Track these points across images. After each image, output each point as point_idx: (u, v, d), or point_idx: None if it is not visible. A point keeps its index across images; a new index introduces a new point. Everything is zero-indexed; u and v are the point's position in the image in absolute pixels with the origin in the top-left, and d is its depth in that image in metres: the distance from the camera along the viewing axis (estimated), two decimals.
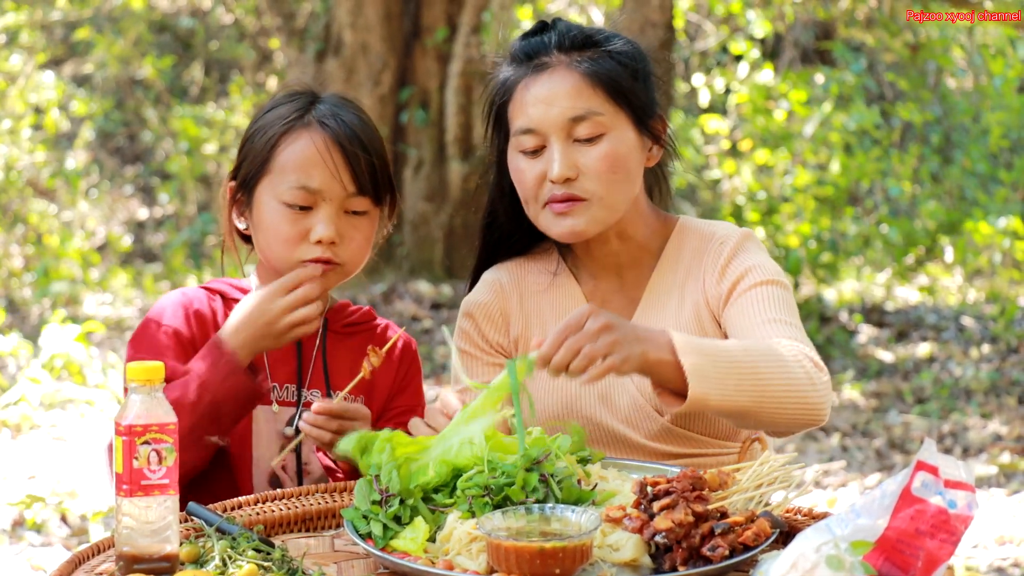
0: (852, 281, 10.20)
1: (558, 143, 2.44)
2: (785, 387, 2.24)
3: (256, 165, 2.52)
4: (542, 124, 2.45)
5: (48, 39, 11.61)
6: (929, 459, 1.80)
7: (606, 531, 1.96)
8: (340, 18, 9.29)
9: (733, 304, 2.47)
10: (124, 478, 1.88)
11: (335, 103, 2.55)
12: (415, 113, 9.36)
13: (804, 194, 9.96)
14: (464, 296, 2.71)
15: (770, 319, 2.41)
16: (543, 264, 2.65)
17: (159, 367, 1.92)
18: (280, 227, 2.48)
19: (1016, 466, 6.01)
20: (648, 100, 2.51)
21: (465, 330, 2.64)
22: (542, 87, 2.46)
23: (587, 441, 2.53)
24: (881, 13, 10.32)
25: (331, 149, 2.47)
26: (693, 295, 2.54)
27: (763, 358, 2.24)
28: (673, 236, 2.59)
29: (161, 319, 2.50)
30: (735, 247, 2.53)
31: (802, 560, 1.72)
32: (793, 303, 2.47)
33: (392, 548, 2.00)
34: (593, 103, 2.45)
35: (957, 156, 10.95)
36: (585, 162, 2.44)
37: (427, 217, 9.40)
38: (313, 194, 2.47)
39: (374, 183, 2.51)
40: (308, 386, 2.57)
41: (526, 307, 2.62)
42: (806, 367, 2.27)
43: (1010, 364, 7.94)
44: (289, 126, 2.50)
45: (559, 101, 2.44)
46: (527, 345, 2.58)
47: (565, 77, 2.46)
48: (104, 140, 12.06)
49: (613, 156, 2.45)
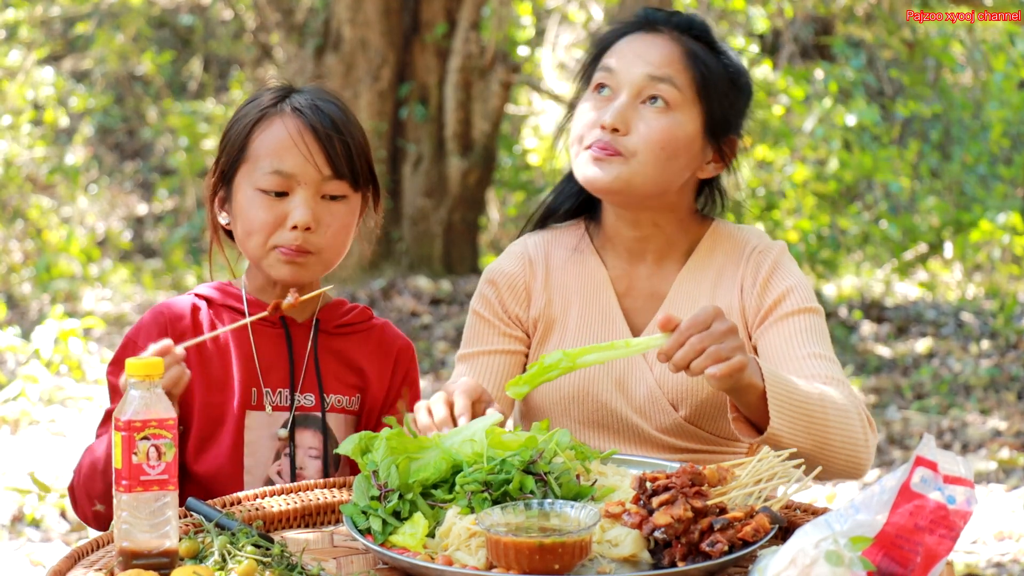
0: (851, 277, 10.21)
1: (627, 97, 2.47)
2: (843, 441, 2.32)
3: (232, 155, 2.51)
4: (621, 71, 2.48)
5: (47, 35, 11.60)
6: (928, 455, 1.80)
7: (605, 526, 1.96)
8: (339, 14, 9.29)
9: (772, 327, 2.51)
10: (123, 473, 1.88)
11: (312, 92, 2.53)
12: (414, 109, 9.36)
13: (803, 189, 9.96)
14: (464, 290, 2.72)
15: (811, 353, 2.46)
16: (570, 239, 2.65)
17: (158, 363, 1.92)
18: (256, 214, 2.46)
19: (1015, 462, 6.01)
20: (731, 117, 2.53)
21: (486, 296, 2.63)
22: (640, 42, 2.50)
23: (598, 427, 2.54)
24: (880, 10, 10.31)
25: (303, 132, 2.45)
26: (726, 298, 2.55)
27: (833, 409, 2.31)
28: (706, 237, 2.61)
29: (137, 339, 2.49)
30: (775, 262, 2.55)
31: (801, 556, 1.72)
32: (827, 331, 2.54)
33: (391, 543, 2.00)
34: (677, 76, 2.47)
35: (956, 152, 10.95)
36: (640, 124, 2.46)
37: (426, 213, 9.39)
38: (287, 178, 2.45)
39: (351, 167, 2.48)
40: (301, 390, 2.54)
41: (551, 281, 2.62)
42: (864, 427, 2.36)
43: (1009, 360, 7.94)
44: (263, 114, 2.50)
45: (648, 57, 2.48)
46: (548, 325, 2.60)
47: (666, 43, 2.50)
48: (103, 136, 12.06)
49: (669, 132, 2.46)
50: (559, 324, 2.59)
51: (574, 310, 2.59)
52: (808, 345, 2.47)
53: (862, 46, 11.22)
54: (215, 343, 2.52)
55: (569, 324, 2.58)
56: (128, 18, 11.13)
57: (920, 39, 10.60)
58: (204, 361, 2.51)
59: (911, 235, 10.39)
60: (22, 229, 10.29)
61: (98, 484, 2.38)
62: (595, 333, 2.57)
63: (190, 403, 2.49)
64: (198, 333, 2.51)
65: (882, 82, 11.40)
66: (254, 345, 2.53)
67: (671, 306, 2.56)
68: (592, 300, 2.59)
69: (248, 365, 2.51)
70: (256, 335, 2.54)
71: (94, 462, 2.39)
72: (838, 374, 2.44)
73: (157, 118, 11.42)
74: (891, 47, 10.86)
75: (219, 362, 2.51)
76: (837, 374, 2.44)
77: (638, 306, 2.59)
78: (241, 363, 2.51)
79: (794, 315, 2.50)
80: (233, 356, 2.52)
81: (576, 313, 2.59)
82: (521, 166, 11.16)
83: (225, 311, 2.55)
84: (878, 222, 10.53)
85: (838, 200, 10.42)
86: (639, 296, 2.59)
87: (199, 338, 2.38)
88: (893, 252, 10.39)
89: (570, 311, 2.59)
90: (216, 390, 2.50)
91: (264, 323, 2.54)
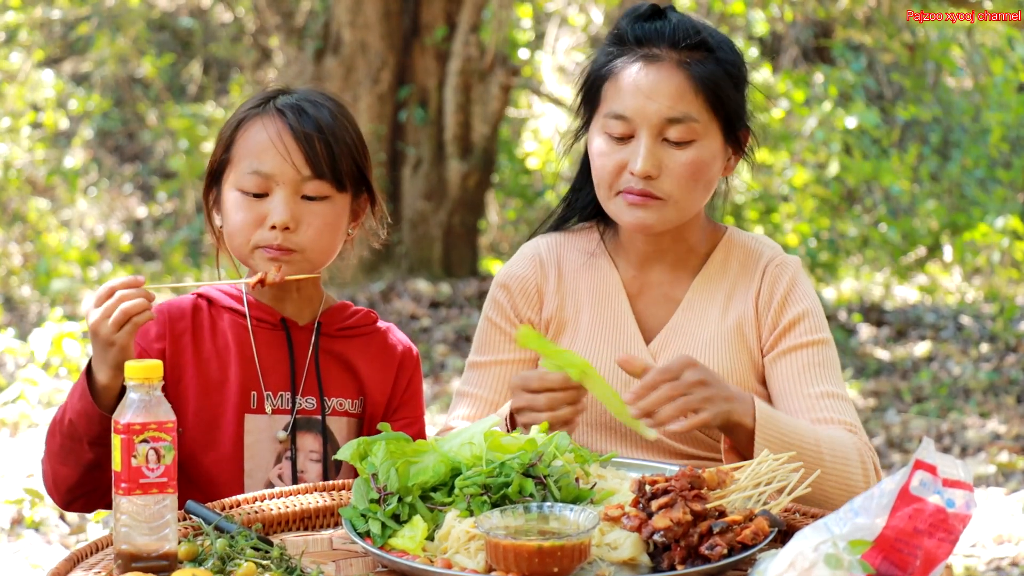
0: (851, 280, 10.21)
1: (648, 138, 2.44)
2: (838, 487, 2.34)
3: (219, 156, 2.52)
4: (637, 115, 2.45)
5: (47, 37, 11.60)
6: (927, 458, 1.80)
7: (604, 530, 1.96)
8: (339, 16, 9.29)
9: (784, 357, 2.52)
10: (122, 476, 1.88)
11: (302, 94, 2.53)
12: (414, 111, 9.36)
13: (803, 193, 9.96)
14: (463, 293, 2.72)
15: (824, 392, 2.47)
16: (583, 243, 2.65)
17: (157, 365, 1.91)
18: (237, 215, 2.47)
19: (1014, 465, 6.01)
20: (740, 111, 2.52)
21: (498, 301, 2.63)
22: (646, 79, 2.45)
23: (604, 426, 2.53)
24: (880, 13, 10.32)
25: (283, 132, 2.45)
26: (739, 308, 2.56)
27: (830, 456, 2.34)
28: (720, 245, 2.61)
29: (137, 338, 2.49)
30: (792, 279, 2.56)
31: (800, 559, 1.72)
32: (838, 362, 2.56)
33: (390, 546, 2.00)
34: (692, 108, 2.44)
35: (956, 155, 10.96)
36: (669, 164, 2.45)
37: (426, 215, 9.39)
38: (266, 179, 2.45)
39: (333, 167, 2.47)
40: (302, 393, 2.54)
41: (563, 285, 2.61)
42: (867, 474, 2.38)
43: (1008, 363, 7.94)
44: (246, 114, 2.51)
45: (660, 98, 2.44)
46: (560, 327, 2.60)
47: (672, 75, 2.45)
48: (103, 138, 12.05)
49: (698, 164, 2.46)
50: (571, 326, 2.59)
51: (586, 312, 2.59)
52: (820, 383, 2.49)
53: (862, 50, 11.23)
54: (215, 346, 2.52)
55: (581, 326, 2.59)
56: (127, 21, 11.13)
57: (920, 43, 10.60)
58: (204, 363, 2.51)
59: (910, 238, 10.40)
60: (21, 232, 10.29)
61: (56, 439, 2.38)
62: (607, 336, 2.57)
63: (187, 404, 2.49)
64: (199, 333, 2.51)
65: (882, 86, 11.40)
66: (255, 347, 2.53)
67: (684, 313, 2.57)
68: (604, 303, 2.59)
69: (248, 367, 2.51)
70: (257, 338, 2.54)
71: (52, 420, 2.40)
72: (850, 416, 2.46)
73: (157, 121, 11.42)
74: (891, 51, 10.87)
75: (219, 364, 2.51)
76: (849, 417, 2.46)
77: (651, 310, 2.59)
78: (241, 365, 2.51)
79: (806, 347, 2.52)
80: (233, 358, 2.52)
81: (588, 315, 2.59)
82: (521, 169, 11.17)
83: (226, 311, 2.55)
84: (877, 225, 10.53)
85: (838, 203, 10.42)
86: (652, 300, 2.59)
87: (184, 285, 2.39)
88: (892, 255, 10.39)
89: (582, 313, 2.59)
90: (215, 392, 2.50)
91: (265, 325, 2.54)
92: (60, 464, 2.39)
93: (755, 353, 2.54)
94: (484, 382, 2.60)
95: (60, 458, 2.38)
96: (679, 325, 2.56)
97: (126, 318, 2.23)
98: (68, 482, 2.40)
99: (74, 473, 2.38)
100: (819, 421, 2.44)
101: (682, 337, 2.55)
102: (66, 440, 2.36)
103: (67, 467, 2.38)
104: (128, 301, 2.24)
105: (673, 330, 2.55)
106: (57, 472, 2.40)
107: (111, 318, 2.23)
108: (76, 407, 2.32)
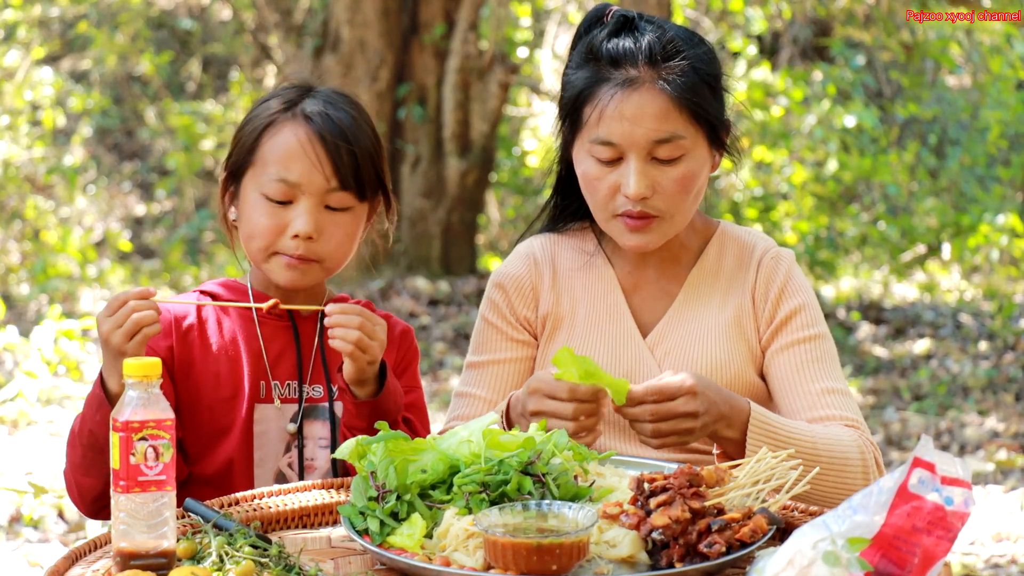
0: (850, 278, 10.21)
1: (637, 161, 2.44)
2: (836, 487, 2.36)
3: (242, 156, 2.51)
4: (624, 141, 2.44)
5: (46, 35, 11.60)
6: (926, 456, 1.80)
7: (603, 527, 1.96)
8: (338, 14, 9.29)
9: (783, 352, 2.54)
10: (121, 474, 1.88)
11: (327, 97, 2.52)
12: (413, 109, 9.35)
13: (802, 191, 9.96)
14: (462, 290, 2.72)
15: (825, 389, 2.49)
16: (578, 242, 2.66)
17: (156, 363, 1.91)
18: (259, 220, 2.47)
19: (1013, 463, 6.01)
20: (720, 113, 2.52)
21: (494, 301, 2.64)
22: (629, 105, 2.43)
23: (605, 424, 2.54)
24: (879, 11, 10.32)
25: (313, 142, 2.45)
26: (737, 301, 2.58)
27: (827, 456, 2.36)
28: (714, 239, 2.62)
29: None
30: (787, 272, 2.58)
31: (799, 557, 1.72)
32: (836, 355, 2.58)
33: (389, 544, 2.00)
34: (678, 126, 2.44)
35: (955, 153, 10.96)
36: (662, 181, 2.45)
37: (424, 213, 9.39)
38: (292, 187, 2.45)
39: (357, 178, 2.47)
40: (309, 382, 2.56)
41: (558, 283, 2.63)
42: (867, 472, 2.40)
43: (1007, 361, 7.94)
44: (274, 118, 2.49)
45: (644, 122, 2.43)
46: (556, 323, 2.61)
47: (654, 98, 2.43)
48: (102, 136, 12.05)
49: (688, 176, 2.46)
50: (567, 322, 2.60)
51: (582, 308, 2.60)
52: (821, 378, 2.50)
53: (861, 48, 11.22)
54: (222, 339, 2.53)
55: (577, 322, 2.60)
56: (126, 18, 11.13)
57: (918, 41, 10.60)
58: (212, 356, 2.52)
59: (909, 236, 10.40)
60: (20, 230, 10.29)
61: (77, 451, 2.39)
62: (603, 330, 2.58)
63: (198, 398, 2.51)
64: (202, 330, 2.52)
65: (881, 84, 11.40)
66: (262, 339, 2.54)
67: (681, 306, 2.58)
68: (600, 298, 2.60)
69: (256, 359, 2.52)
70: (263, 329, 2.55)
71: (71, 432, 2.41)
72: (851, 412, 2.48)
73: (155, 119, 11.42)
74: (890, 49, 10.87)
75: (227, 357, 2.53)
76: (850, 412, 2.47)
77: (647, 305, 2.60)
78: (249, 357, 2.53)
79: (804, 342, 2.54)
80: (242, 350, 2.53)
81: (584, 311, 2.60)
82: (519, 167, 11.17)
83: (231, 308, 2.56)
84: (876, 223, 10.54)
85: (836, 201, 10.42)
86: (648, 295, 2.60)
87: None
88: (891, 253, 10.39)
89: (578, 309, 2.61)
90: (224, 384, 2.52)
91: (271, 317, 2.56)
92: (83, 475, 2.40)
93: (753, 344, 2.56)
94: (483, 382, 2.60)
95: (83, 469, 2.39)
96: (675, 319, 2.57)
97: (137, 328, 2.26)
98: (93, 492, 2.40)
99: (98, 483, 2.38)
100: (821, 418, 2.45)
101: (679, 331, 2.56)
102: (88, 451, 2.37)
103: (91, 478, 2.39)
104: (139, 312, 2.26)
105: (669, 324, 2.56)
106: (81, 483, 2.41)
107: (122, 328, 2.25)
108: (95, 418, 2.33)
